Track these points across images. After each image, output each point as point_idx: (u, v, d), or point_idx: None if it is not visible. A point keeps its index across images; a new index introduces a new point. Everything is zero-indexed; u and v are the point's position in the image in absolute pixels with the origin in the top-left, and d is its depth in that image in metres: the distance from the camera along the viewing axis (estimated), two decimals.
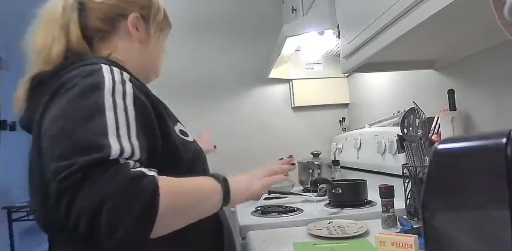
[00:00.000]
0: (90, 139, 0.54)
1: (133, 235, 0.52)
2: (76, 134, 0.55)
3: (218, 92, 2.13)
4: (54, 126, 0.58)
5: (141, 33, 0.79)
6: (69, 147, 0.54)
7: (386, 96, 1.61)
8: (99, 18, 0.75)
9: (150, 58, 0.83)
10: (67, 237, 0.63)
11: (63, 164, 0.52)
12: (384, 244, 0.80)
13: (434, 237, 0.50)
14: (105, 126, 0.55)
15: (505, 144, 0.40)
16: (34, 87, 0.70)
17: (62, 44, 0.70)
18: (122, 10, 0.77)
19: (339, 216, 1.14)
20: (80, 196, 0.50)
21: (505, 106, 0.93)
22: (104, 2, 0.75)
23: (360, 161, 1.59)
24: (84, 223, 0.50)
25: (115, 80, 0.61)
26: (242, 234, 1.08)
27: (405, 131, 1.04)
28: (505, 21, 0.47)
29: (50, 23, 0.72)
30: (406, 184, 1.03)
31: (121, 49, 0.77)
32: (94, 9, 0.75)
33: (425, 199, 0.51)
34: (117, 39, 0.77)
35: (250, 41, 2.15)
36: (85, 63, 0.66)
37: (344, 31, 1.14)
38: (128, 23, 0.77)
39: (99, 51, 0.75)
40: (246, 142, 2.09)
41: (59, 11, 0.72)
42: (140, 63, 0.80)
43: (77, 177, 0.51)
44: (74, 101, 0.59)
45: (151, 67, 0.85)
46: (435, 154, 0.50)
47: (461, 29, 0.84)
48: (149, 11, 0.80)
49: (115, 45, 0.76)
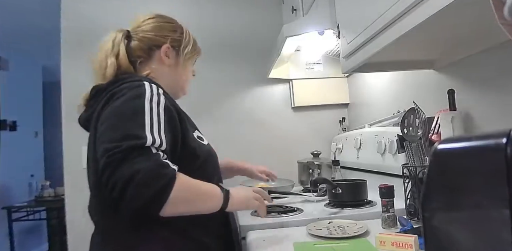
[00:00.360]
0: (132, 131, 0.74)
1: (146, 208, 0.70)
2: (122, 127, 0.75)
3: (218, 92, 2.13)
4: (107, 122, 0.78)
5: (171, 60, 1.01)
6: (116, 135, 0.73)
7: (386, 96, 1.61)
8: (140, 48, 0.98)
9: (178, 79, 1.04)
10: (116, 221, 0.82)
11: (111, 146, 0.71)
12: (384, 244, 0.80)
13: (434, 237, 0.50)
14: (143, 123, 0.75)
15: (505, 144, 0.40)
16: (93, 95, 0.92)
17: (114, 67, 0.93)
18: (157, 42, 0.99)
19: (339, 216, 1.14)
20: (119, 170, 0.69)
21: (505, 106, 0.93)
22: (144, 36, 0.99)
23: (360, 161, 1.59)
24: (117, 191, 0.68)
25: (153, 92, 0.82)
26: (242, 234, 1.08)
27: (405, 131, 1.04)
28: (505, 21, 0.47)
29: (104, 52, 0.96)
30: (406, 184, 1.03)
31: (155, 71, 0.98)
32: (139, 41, 0.98)
33: (425, 199, 0.51)
34: (152, 63, 0.99)
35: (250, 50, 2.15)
36: (131, 79, 0.87)
37: (344, 31, 1.14)
38: (161, 52, 0.99)
39: (140, 71, 0.97)
40: (246, 142, 2.09)
41: (110, 44, 0.96)
42: (169, 82, 1.00)
43: (119, 156, 0.70)
44: (123, 105, 0.79)
45: (179, 87, 1.05)
46: (435, 154, 0.50)
47: (461, 29, 0.84)
48: (179, 44, 1.02)
49: (151, 68, 0.98)
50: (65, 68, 2.00)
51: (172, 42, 1.00)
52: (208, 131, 1.22)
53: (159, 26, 1.01)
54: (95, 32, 2.06)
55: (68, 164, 1.95)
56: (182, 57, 1.03)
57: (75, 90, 1.98)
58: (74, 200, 1.91)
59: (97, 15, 2.05)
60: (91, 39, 2.04)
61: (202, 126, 1.75)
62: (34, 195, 3.96)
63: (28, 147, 4.28)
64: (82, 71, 2.01)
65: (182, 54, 1.02)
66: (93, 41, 2.01)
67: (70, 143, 1.95)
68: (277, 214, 1.19)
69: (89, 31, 2.03)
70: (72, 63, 2.00)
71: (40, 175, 4.42)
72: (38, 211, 3.87)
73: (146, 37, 0.98)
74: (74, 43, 2.01)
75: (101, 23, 2.04)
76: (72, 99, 2.00)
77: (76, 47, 2.00)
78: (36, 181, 4.25)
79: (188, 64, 1.06)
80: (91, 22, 2.04)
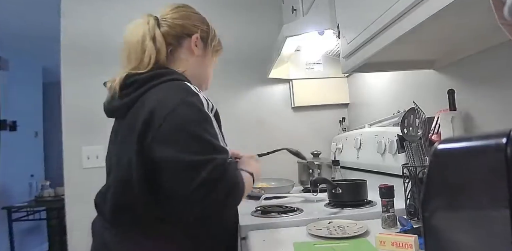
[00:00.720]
0: (213, 143, 0.79)
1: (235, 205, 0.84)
2: (204, 138, 0.79)
3: (218, 92, 2.13)
4: (184, 131, 0.78)
5: (199, 50, 1.01)
6: (203, 147, 0.78)
7: (386, 96, 1.61)
8: (171, 35, 0.96)
9: (203, 72, 1.05)
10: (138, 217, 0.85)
11: (203, 158, 0.76)
12: (384, 244, 0.80)
13: (434, 237, 0.50)
14: (216, 134, 0.82)
15: (505, 144, 0.40)
16: (128, 85, 0.89)
17: (153, 51, 0.91)
18: (188, 30, 0.99)
19: (339, 216, 1.14)
20: (225, 179, 0.76)
21: (505, 106, 0.93)
22: (175, 23, 0.97)
23: (360, 161, 1.59)
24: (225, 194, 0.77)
25: (209, 103, 0.86)
26: (242, 234, 1.08)
27: (405, 131, 1.04)
28: (505, 21, 0.47)
29: (140, 36, 0.93)
30: (406, 184, 1.03)
31: (183, 61, 0.98)
32: (169, 27, 0.96)
33: (425, 199, 0.51)
34: (182, 53, 0.99)
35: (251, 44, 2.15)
36: (171, 78, 0.89)
37: (344, 31, 1.14)
38: (192, 41, 0.99)
39: (173, 62, 0.97)
40: (246, 142, 2.09)
41: (146, 27, 0.94)
42: (195, 73, 1.00)
43: (222, 168, 0.76)
44: (192, 114, 0.81)
45: (204, 78, 1.07)
46: (435, 154, 0.50)
47: (461, 29, 0.84)
48: (208, 35, 1.04)
49: (178, 58, 0.98)
50: (65, 68, 2.00)
51: (202, 32, 1.02)
52: None
53: (189, 15, 1.01)
54: (95, 33, 2.07)
55: (68, 164, 1.95)
56: (210, 49, 1.05)
57: (75, 90, 2.00)
58: (74, 200, 1.91)
59: (97, 15, 2.05)
60: (91, 40, 2.05)
61: None
62: (34, 195, 3.96)
63: (28, 147, 4.28)
64: (82, 71, 2.02)
65: (210, 46, 1.05)
66: (93, 41, 2.03)
67: (70, 143, 1.95)
68: (277, 214, 1.19)
69: (89, 31, 2.03)
70: (72, 63, 2.00)
71: (40, 175, 4.42)
72: (38, 211, 3.87)
73: (177, 24, 0.97)
74: (74, 44, 2.01)
75: (101, 24, 2.04)
76: (72, 99, 2.01)
77: (76, 47, 2.00)
78: (36, 181, 4.25)
79: (215, 58, 1.10)
80: (91, 22, 2.04)
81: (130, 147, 0.82)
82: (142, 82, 0.88)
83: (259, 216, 1.20)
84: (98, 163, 1.95)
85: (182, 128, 0.78)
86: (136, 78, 0.89)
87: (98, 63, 2.02)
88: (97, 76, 2.03)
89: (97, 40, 2.03)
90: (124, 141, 0.86)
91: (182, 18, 0.99)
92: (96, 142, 1.96)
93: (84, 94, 2.00)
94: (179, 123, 0.79)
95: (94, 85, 2.02)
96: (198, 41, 1.00)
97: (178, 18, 0.98)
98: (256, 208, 1.28)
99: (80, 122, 1.97)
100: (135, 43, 0.93)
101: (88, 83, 2.01)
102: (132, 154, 0.81)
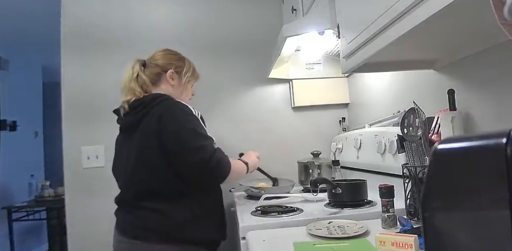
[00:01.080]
0: (204, 132, 1.24)
1: (221, 180, 1.21)
2: (199, 130, 1.21)
3: (218, 92, 2.13)
4: (185, 129, 1.20)
5: (174, 81, 1.38)
6: (204, 139, 1.21)
7: (386, 96, 1.61)
8: (152, 73, 1.36)
9: (179, 94, 1.39)
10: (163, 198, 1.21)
11: (207, 147, 1.19)
12: (384, 244, 0.80)
13: (434, 237, 0.50)
14: (203, 127, 1.25)
15: (505, 144, 0.40)
16: (138, 104, 1.26)
17: (139, 86, 1.31)
18: (164, 68, 1.37)
19: (339, 216, 1.14)
20: (222, 160, 1.19)
21: (505, 106, 0.93)
22: (156, 63, 1.38)
23: (360, 161, 1.59)
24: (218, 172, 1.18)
25: (195, 111, 1.28)
26: (242, 234, 1.08)
27: (405, 131, 1.04)
28: (505, 21, 0.47)
29: (128, 76, 1.33)
30: (406, 184, 1.03)
31: (163, 89, 1.35)
32: (151, 67, 1.37)
33: (425, 199, 0.51)
34: (162, 83, 1.37)
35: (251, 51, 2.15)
36: (164, 98, 1.26)
37: (344, 31, 1.14)
38: (167, 75, 1.37)
39: (156, 90, 1.34)
40: (246, 142, 2.09)
41: (131, 71, 1.34)
42: (174, 96, 1.31)
43: (212, 149, 1.19)
44: (185, 115, 1.23)
45: (182, 100, 1.32)
46: (435, 154, 0.50)
47: (461, 29, 0.84)
48: (181, 69, 1.40)
49: (160, 87, 1.36)
50: (65, 68, 2.00)
51: (176, 68, 1.38)
52: (208, 131, 1.23)
53: (167, 56, 1.40)
54: (95, 33, 2.07)
55: (68, 164, 1.95)
56: (183, 80, 1.40)
57: (75, 90, 2.00)
58: (74, 200, 1.91)
59: (97, 16, 2.05)
60: (91, 40, 2.05)
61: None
62: (34, 195, 3.96)
63: (28, 147, 4.27)
64: (82, 71, 2.02)
65: (184, 77, 1.40)
66: (93, 42, 2.03)
67: (70, 143, 1.95)
68: (277, 214, 1.19)
69: (89, 31, 2.03)
70: (72, 63, 2.00)
71: (40, 175, 4.42)
72: (38, 211, 3.87)
73: (157, 64, 1.37)
74: (74, 43, 2.01)
75: (100, 24, 2.04)
76: (72, 99, 2.01)
77: (76, 47, 2.01)
78: (36, 181, 4.25)
79: (188, 85, 1.43)
80: (91, 22, 2.04)
81: (150, 144, 1.20)
82: (148, 102, 1.24)
83: (259, 216, 1.20)
84: (98, 163, 1.96)
85: (183, 125, 1.20)
86: (141, 100, 1.26)
87: (99, 63, 2.02)
88: (98, 76, 2.03)
89: (97, 40, 2.04)
90: (141, 143, 1.22)
91: (161, 59, 1.38)
92: (96, 142, 1.97)
93: (84, 94, 2.00)
94: (180, 122, 1.20)
95: (94, 85, 2.03)
96: (173, 75, 1.37)
97: (158, 59, 1.38)
98: (256, 208, 1.28)
99: (80, 122, 1.97)
100: (126, 82, 1.32)
101: (88, 83, 2.01)
102: (155, 148, 1.19)
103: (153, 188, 1.21)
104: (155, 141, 1.18)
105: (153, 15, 2.09)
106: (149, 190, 1.21)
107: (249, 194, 1.64)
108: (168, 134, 1.18)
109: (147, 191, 1.21)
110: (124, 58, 1.54)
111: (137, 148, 1.23)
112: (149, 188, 1.21)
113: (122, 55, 1.95)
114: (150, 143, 1.20)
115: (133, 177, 1.23)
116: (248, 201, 1.55)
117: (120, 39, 2.05)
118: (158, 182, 1.20)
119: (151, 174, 1.20)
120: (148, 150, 1.20)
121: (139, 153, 1.22)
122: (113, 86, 1.97)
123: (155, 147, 1.19)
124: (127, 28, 2.05)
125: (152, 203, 1.20)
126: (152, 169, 1.20)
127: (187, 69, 1.41)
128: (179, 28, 2.11)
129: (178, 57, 1.42)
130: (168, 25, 2.10)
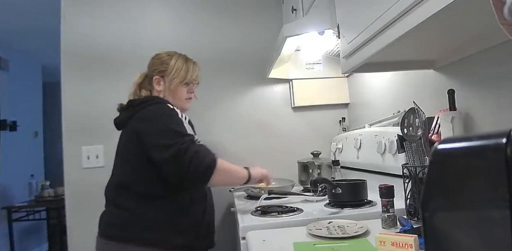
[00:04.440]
0: (182, 130, 1.23)
1: (202, 177, 1.16)
2: (174, 128, 1.22)
3: (218, 92, 2.13)
4: (157, 126, 1.23)
5: (161, 86, 1.41)
6: (176, 134, 1.20)
7: (386, 96, 1.61)
8: (146, 80, 1.44)
9: (171, 97, 1.41)
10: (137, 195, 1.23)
11: (178, 140, 1.17)
12: (384, 244, 0.80)
13: (434, 237, 0.50)
14: (181, 124, 1.27)
15: (505, 144, 0.40)
16: (128, 107, 1.35)
17: (137, 92, 1.42)
18: (150, 75, 1.43)
19: (339, 216, 1.14)
20: (198, 153, 1.16)
21: (505, 106, 0.93)
22: (146, 73, 1.45)
23: (360, 161, 1.59)
24: (194, 165, 1.14)
25: (172, 108, 1.31)
26: (242, 234, 1.08)
27: (405, 131, 1.04)
28: (505, 21, 0.47)
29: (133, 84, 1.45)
30: (406, 184, 1.03)
31: (155, 93, 1.41)
32: (145, 76, 1.45)
33: (425, 199, 0.51)
34: (154, 89, 1.42)
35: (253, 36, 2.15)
36: (155, 101, 1.32)
37: (344, 31, 1.14)
38: (154, 81, 1.41)
39: (152, 94, 1.42)
40: (246, 142, 2.10)
41: (135, 81, 1.45)
42: (167, 99, 1.39)
43: (192, 146, 1.17)
44: (162, 116, 1.26)
45: (177, 105, 1.40)
46: (435, 154, 0.50)
47: (461, 29, 0.84)
48: (165, 73, 1.41)
49: (153, 92, 1.42)
50: (65, 68, 2.00)
51: (159, 73, 1.41)
52: (208, 131, 1.23)
53: (152, 63, 1.45)
54: (95, 33, 2.07)
55: (68, 164, 1.95)
56: (169, 82, 1.40)
57: (75, 90, 2.00)
58: (74, 200, 1.91)
59: (97, 16, 2.05)
60: (91, 40, 2.05)
61: (202, 126, 1.76)
62: (34, 195, 3.96)
63: (28, 147, 4.27)
64: (82, 72, 2.02)
65: (169, 80, 1.40)
66: (93, 42, 2.02)
67: (70, 143, 1.95)
68: (277, 214, 1.19)
69: (89, 31, 2.03)
70: (72, 63, 2.00)
71: (40, 175, 4.42)
72: (38, 211, 3.87)
73: (147, 73, 1.45)
74: (74, 43, 2.01)
75: (100, 24, 2.04)
76: (72, 99, 2.01)
77: (76, 47, 2.00)
78: (36, 181, 4.24)
79: (178, 87, 1.41)
80: (91, 22, 2.04)
81: (131, 144, 1.26)
82: (136, 104, 1.32)
83: (259, 216, 1.20)
84: (98, 163, 1.96)
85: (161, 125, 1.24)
86: (132, 102, 1.35)
87: (98, 64, 2.02)
88: (97, 77, 2.03)
89: (98, 41, 2.04)
90: (126, 141, 1.30)
91: (149, 67, 1.45)
92: (96, 142, 1.97)
93: (84, 94, 2.00)
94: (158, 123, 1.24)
95: (94, 85, 2.03)
96: (158, 80, 1.41)
97: (148, 68, 1.45)
98: (256, 208, 1.28)
99: (80, 122, 1.97)
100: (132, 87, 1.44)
101: (88, 84, 2.01)
102: (135, 148, 1.24)
103: (126, 184, 1.24)
104: (135, 141, 1.24)
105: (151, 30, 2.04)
106: (122, 185, 1.25)
107: (249, 194, 1.64)
108: (145, 134, 1.23)
109: (121, 186, 1.25)
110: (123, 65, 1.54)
111: (122, 147, 1.32)
112: (122, 183, 1.25)
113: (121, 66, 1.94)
114: (131, 144, 1.26)
115: (114, 171, 1.32)
116: (248, 201, 1.55)
117: (121, 43, 2.05)
118: (132, 177, 1.24)
119: (130, 170, 1.25)
120: (130, 150, 1.27)
121: (123, 152, 1.31)
122: (113, 91, 1.98)
123: (135, 146, 1.24)
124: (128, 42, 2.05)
125: (120, 198, 1.23)
126: (131, 166, 1.25)
127: (171, 70, 1.39)
128: (177, 42, 2.02)
129: (161, 61, 1.42)
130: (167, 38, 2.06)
